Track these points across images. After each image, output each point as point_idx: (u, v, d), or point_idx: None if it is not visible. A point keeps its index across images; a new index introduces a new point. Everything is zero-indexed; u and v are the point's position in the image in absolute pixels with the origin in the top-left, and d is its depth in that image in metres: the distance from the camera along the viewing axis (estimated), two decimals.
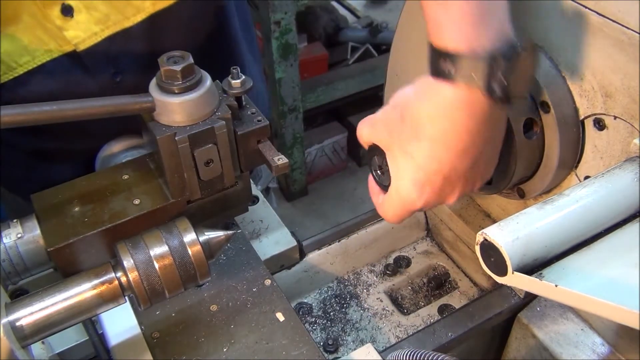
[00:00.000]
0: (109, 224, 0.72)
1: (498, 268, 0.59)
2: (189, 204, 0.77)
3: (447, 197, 0.71)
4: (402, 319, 0.99)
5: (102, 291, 0.65)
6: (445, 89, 0.60)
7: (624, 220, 0.62)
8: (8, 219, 0.73)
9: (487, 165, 0.71)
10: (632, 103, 0.67)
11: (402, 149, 0.68)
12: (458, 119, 0.61)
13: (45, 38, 0.84)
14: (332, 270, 1.05)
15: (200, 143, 0.72)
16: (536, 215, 0.60)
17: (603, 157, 0.74)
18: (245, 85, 0.75)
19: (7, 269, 0.70)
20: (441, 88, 0.61)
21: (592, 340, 0.84)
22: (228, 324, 0.77)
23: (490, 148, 0.68)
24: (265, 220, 0.98)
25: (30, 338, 0.62)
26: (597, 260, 0.59)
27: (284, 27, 2.23)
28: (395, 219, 0.74)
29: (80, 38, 0.85)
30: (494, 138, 0.68)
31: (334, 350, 0.95)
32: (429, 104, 0.63)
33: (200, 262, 0.68)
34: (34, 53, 0.85)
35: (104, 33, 0.86)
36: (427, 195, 0.69)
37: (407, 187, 0.69)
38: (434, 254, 1.10)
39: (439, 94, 0.61)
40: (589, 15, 0.67)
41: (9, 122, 0.61)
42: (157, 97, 0.70)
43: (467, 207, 1.01)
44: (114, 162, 0.93)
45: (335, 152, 2.89)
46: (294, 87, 2.42)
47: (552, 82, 0.73)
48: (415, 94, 0.65)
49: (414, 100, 0.65)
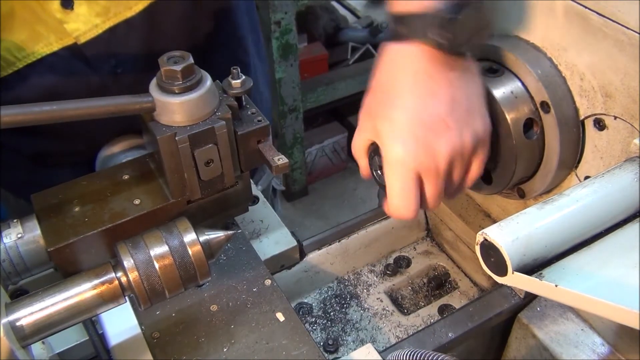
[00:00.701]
0: (109, 224, 0.73)
1: (498, 268, 0.59)
2: (189, 204, 0.77)
3: (437, 148, 0.69)
4: (402, 319, 0.99)
5: (102, 291, 0.65)
6: (403, 48, 0.69)
7: (624, 220, 0.62)
8: (9, 219, 0.73)
9: (470, 116, 0.71)
10: (632, 103, 0.67)
11: (383, 119, 0.71)
12: (418, 70, 0.69)
13: (44, 32, 0.84)
14: (332, 270, 1.05)
15: (201, 143, 0.72)
16: (536, 215, 0.60)
17: (603, 157, 0.74)
18: (246, 85, 0.75)
19: (7, 269, 0.70)
20: (400, 49, 0.70)
21: (592, 340, 0.84)
22: (228, 324, 0.77)
23: (467, 98, 0.70)
24: (265, 220, 0.98)
25: (30, 338, 0.62)
26: (597, 260, 0.59)
27: (284, 27, 2.23)
28: (401, 200, 0.71)
29: (81, 31, 0.85)
30: (467, 87, 0.71)
31: (334, 350, 0.95)
32: (390, 67, 0.71)
33: (200, 262, 0.68)
34: (34, 47, 0.84)
35: (104, 25, 0.86)
36: (412, 147, 0.68)
37: (393, 149, 0.69)
38: (434, 254, 1.10)
39: (398, 53, 0.70)
40: (589, 15, 0.67)
41: (9, 122, 0.61)
42: (157, 97, 0.70)
43: (467, 207, 1.01)
44: (114, 162, 0.93)
45: (335, 152, 2.89)
46: (294, 87, 2.42)
47: (552, 82, 0.74)
48: (378, 69, 0.72)
49: (378, 74, 0.73)
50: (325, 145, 2.83)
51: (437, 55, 0.68)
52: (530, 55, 0.75)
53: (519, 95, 0.75)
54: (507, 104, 0.75)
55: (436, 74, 0.69)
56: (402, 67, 0.70)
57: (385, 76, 0.72)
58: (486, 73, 0.77)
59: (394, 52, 0.71)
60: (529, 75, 0.74)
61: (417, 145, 0.68)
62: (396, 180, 0.71)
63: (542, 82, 0.73)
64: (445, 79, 0.69)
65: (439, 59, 0.68)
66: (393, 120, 0.70)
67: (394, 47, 0.71)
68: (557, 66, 0.74)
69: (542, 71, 0.74)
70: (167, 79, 0.70)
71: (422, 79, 0.69)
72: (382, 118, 0.71)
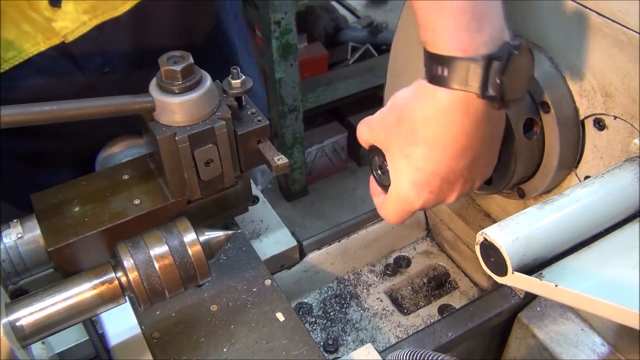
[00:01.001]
0: (109, 224, 0.73)
1: (498, 268, 0.59)
2: (189, 204, 0.77)
3: (446, 197, 0.71)
4: (402, 319, 0.99)
5: (102, 291, 0.65)
6: (440, 92, 0.61)
7: (624, 220, 0.62)
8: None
9: (486, 165, 0.71)
10: (632, 103, 0.67)
11: (400, 151, 0.68)
12: (453, 122, 0.62)
13: (32, 32, 0.84)
14: (332, 270, 1.05)
15: (200, 143, 0.72)
16: (536, 215, 0.60)
17: (603, 157, 0.74)
18: (245, 85, 0.75)
19: (7, 269, 0.70)
20: (436, 92, 0.61)
21: (592, 340, 0.84)
22: (228, 324, 0.77)
23: (488, 148, 0.68)
24: (265, 220, 0.98)
25: (30, 338, 0.62)
26: (597, 260, 0.59)
27: (284, 27, 2.23)
28: (396, 219, 0.74)
29: (69, 29, 0.85)
30: (492, 138, 0.68)
31: (334, 350, 0.95)
32: (424, 107, 0.63)
33: (200, 262, 0.68)
34: (20, 47, 0.84)
35: (92, 22, 0.86)
36: (425, 196, 0.69)
37: (405, 188, 0.69)
38: (434, 254, 1.10)
39: (434, 97, 0.62)
40: (589, 15, 0.67)
41: (9, 122, 0.61)
42: (157, 97, 0.70)
43: (467, 207, 1.01)
44: (114, 162, 0.93)
45: (335, 152, 2.89)
46: (294, 87, 2.42)
47: (552, 82, 0.73)
48: (411, 97, 0.65)
49: (410, 103, 0.65)
50: (325, 145, 2.83)
51: (479, 108, 0.60)
52: None
53: None
54: None
55: (471, 131, 0.62)
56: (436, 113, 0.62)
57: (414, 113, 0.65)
58: None
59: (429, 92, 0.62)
60: None
61: (430, 196, 0.69)
62: (395, 210, 0.73)
63: (542, 82, 0.73)
64: (477, 139, 0.64)
65: (479, 112, 0.61)
66: (414, 162, 0.66)
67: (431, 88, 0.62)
68: (557, 66, 0.74)
69: (542, 71, 0.74)
70: (167, 79, 0.70)
71: (454, 134, 0.63)
72: (402, 152, 0.68)
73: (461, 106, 0.60)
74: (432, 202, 0.70)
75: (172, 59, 0.70)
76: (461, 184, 0.69)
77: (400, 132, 0.67)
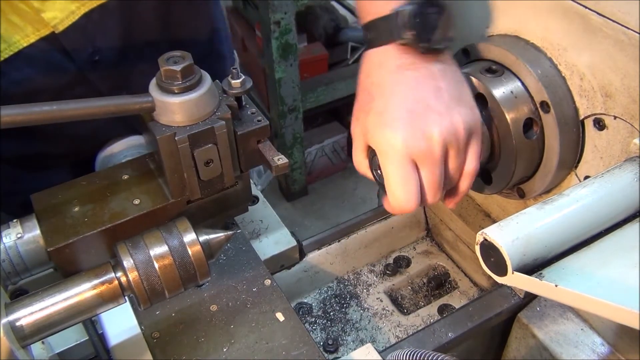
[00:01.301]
0: (109, 224, 0.73)
1: (498, 268, 0.58)
2: (189, 204, 0.77)
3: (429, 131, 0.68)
4: (402, 319, 0.99)
5: (102, 291, 0.65)
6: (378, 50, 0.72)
7: (624, 220, 0.62)
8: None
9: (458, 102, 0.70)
10: (632, 103, 0.67)
11: (367, 114, 0.72)
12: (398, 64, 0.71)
13: (21, 24, 0.84)
14: (332, 270, 1.05)
15: (200, 143, 0.72)
16: (536, 215, 0.60)
17: (603, 157, 0.74)
18: (245, 85, 0.75)
19: (7, 269, 0.70)
20: (375, 52, 0.72)
21: (592, 340, 0.84)
22: (228, 324, 0.77)
23: (448, 85, 0.70)
24: (265, 220, 0.98)
25: (30, 338, 0.62)
26: (597, 260, 0.59)
27: (284, 27, 2.23)
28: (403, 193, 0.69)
29: (59, 18, 0.86)
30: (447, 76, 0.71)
31: (334, 350, 0.95)
32: (369, 68, 0.74)
33: (200, 262, 0.68)
34: (10, 40, 0.84)
35: (80, 10, 0.87)
36: (403, 133, 0.67)
37: (383, 136, 0.69)
38: (434, 254, 1.10)
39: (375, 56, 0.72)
40: (589, 15, 0.67)
41: (9, 122, 0.61)
42: (157, 97, 0.70)
43: (467, 207, 1.01)
44: (113, 162, 0.93)
45: (335, 152, 2.89)
46: (294, 87, 2.42)
47: (552, 82, 0.74)
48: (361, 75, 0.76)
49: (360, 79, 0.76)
50: (325, 145, 2.83)
51: (413, 51, 0.70)
52: (530, 55, 0.75)
53: (519, 95, 0.75)
54: (507, 103, 0.75)
55: (417, 65, 0.70)
56: (380, 65, 0.72)
57: (366, 79, 0.74)
58: (486, 73, 0.77)
59: (371, 56, 0.73)
60: (529, 75, 0.74)
61: (406, 129, 0.67)
62: (392, 169, 0.69)
63: (542, 82, 0.73)
64: (426, 69, 0.70)
65: (416, 53, 0.70)
66: (378, 112, 0.70)
67: (370, 52, 0.73)
68: (557, 66, 0.74)
69: (542, 71, 0.74)
70: (166, 79, 0.69)
71: (402, 70, 0.70)
72: (367, 114, 0.72)
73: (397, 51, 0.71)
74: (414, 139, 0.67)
75: (172, 59, 0.70)
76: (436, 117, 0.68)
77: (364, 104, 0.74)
